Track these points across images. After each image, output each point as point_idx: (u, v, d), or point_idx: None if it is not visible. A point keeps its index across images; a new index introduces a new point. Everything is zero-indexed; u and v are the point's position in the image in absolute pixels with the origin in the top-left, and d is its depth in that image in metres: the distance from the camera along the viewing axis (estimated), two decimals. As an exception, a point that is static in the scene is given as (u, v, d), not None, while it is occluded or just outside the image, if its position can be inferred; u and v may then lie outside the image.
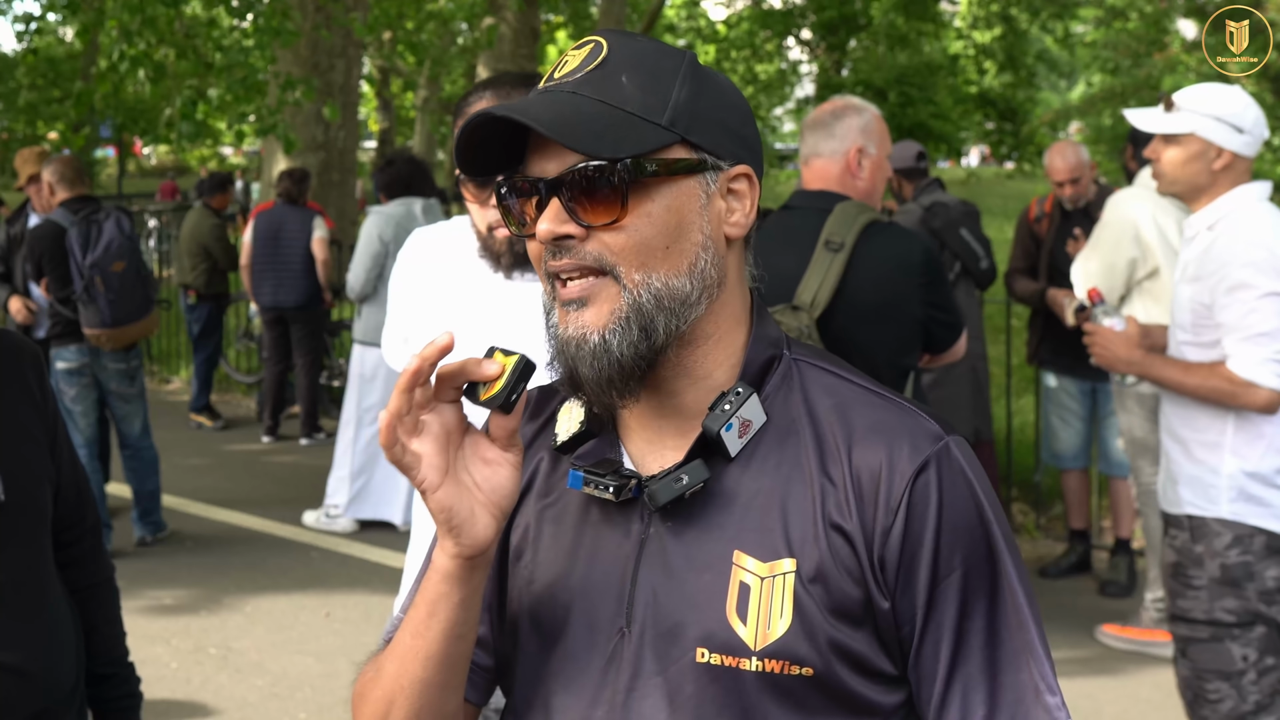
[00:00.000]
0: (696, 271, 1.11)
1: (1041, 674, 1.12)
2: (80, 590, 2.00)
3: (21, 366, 1.90)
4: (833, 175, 2.94)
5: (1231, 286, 2.77)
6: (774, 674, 1.08)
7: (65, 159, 5.92)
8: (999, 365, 6.96)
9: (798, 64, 32.15)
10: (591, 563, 1.16)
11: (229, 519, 6.56)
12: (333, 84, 10.75)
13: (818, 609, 1.09)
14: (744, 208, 1.16)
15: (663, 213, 1.10)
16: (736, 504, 1.12)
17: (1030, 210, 5.62)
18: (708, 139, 1.12)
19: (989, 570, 1.11)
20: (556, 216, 1.09)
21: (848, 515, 1.10)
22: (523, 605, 1.20)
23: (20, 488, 1.81)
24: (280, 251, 7.88)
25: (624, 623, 1.13)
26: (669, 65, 1.12)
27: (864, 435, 1.12)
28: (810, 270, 2.76)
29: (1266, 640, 2.80)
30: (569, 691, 1.15)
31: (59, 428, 1.94)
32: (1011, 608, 1.12)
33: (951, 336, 2.92)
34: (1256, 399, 2.76)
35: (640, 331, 1.09)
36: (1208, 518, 2.85)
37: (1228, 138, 2.87)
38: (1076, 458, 5.45)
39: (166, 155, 38.94)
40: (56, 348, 5.84)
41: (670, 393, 1.15)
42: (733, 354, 1.16)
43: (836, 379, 1.17)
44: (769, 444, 1.13)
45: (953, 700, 1.11)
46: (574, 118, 1.07)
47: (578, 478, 1.14)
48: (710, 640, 1.10)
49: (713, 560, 1.11)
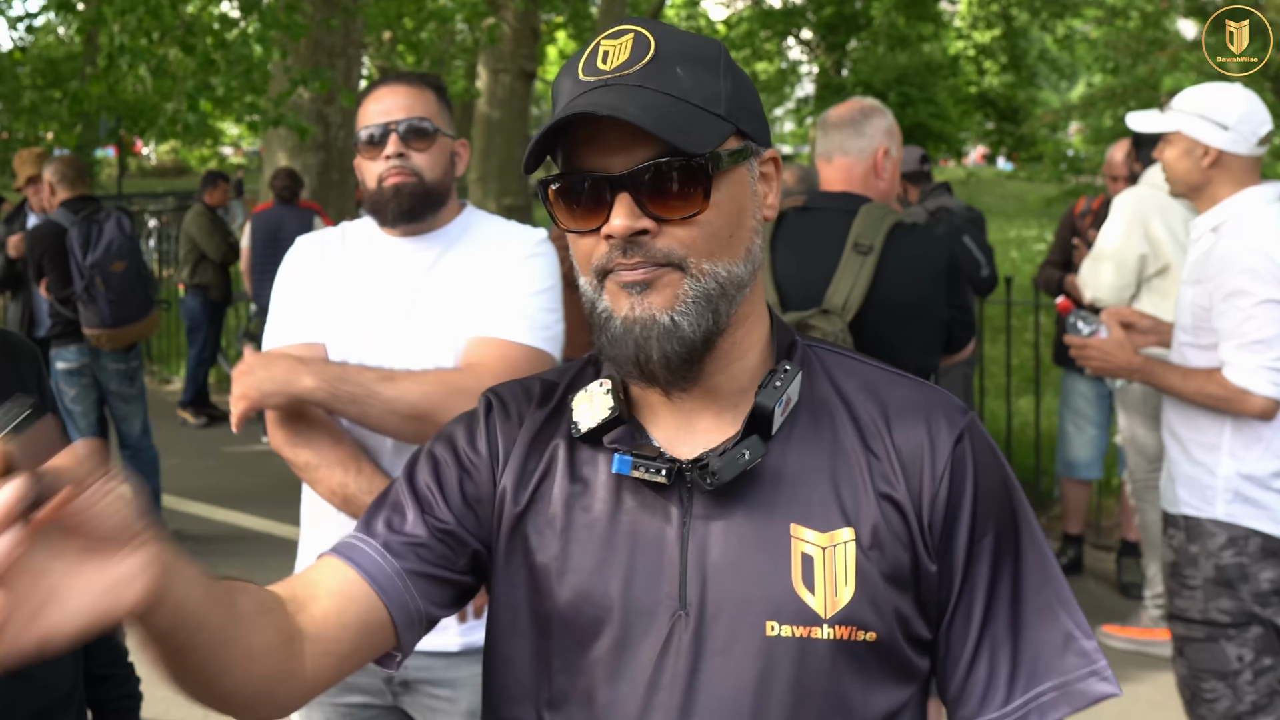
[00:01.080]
0: (750, 256, 1.15)
1: (1076, 622, 1.17)
2: (80, 590, 1.99)
3: (19, 367, 1.89)
4: (857, 175, 2.92)
5: (1229, 293, 2.77)
6: (843, 640, 1.11)
7: (66, 159, 5.92)
8: (999, 365, 6.96)
9: (798, 64, 32.17)
10: (634, 549, 1.14)
11: (229, 519, 6.56)
12: (334, 84, 10.75)
13: (877, 575, 1.12)
14: (774, 190, 1.20)
15: (728, 203, 1.12)
16: (784, 480, 1.14)
17: (1077, 206, 5.61)
18: (750, 126, 1.15)
19: (1014, 531, 1.18)
20: (630, 212, 1.08)
21: (896, 485, 1.14)
22: (556, 598, 1.16)
23: (20, 488, 1.81)
24: (280, 252, 7.87)
25: (679, 605, 1.12)
26: (711, 55, 1.14)
27: (900, 411, 1.17)
28: (840, 273, 2.74)
29: (1263, 641, 2.80)
30: (621, 679, 1.13)
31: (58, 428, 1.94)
32: (1036, 565, 1.18)
33: (967, 336, 2.93)
34: (1251, 406, 2.76)
35: (709, 314, 1.10)
36: (1203, 518, 2.86)
37: (1211, 134, 2.87)
38: (1089, 467, 5.40)
39: (167, 155, 38.93)
40: (56, 348, 5.84)
41: (707, 375, 1.15)
42: (762, 335, 1.20)
43: (852, 361, 1.23)
44: (804, 422, 1.17)
45: (981, 657, 1.16)
46: (659, 113, 1.07)
47: (626, 462, 1.13)
48: (780, 613, 1.11)
49: (770, 535, 1.12)
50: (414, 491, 1.21)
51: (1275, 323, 2.73)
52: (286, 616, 1.10)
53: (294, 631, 1.09)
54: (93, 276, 5.56)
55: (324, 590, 1.14)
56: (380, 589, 1.15)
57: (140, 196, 22.35)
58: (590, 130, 1.09)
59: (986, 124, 31.67)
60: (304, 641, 1.10)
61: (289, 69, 9.17)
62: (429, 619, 1.19)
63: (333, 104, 10.85)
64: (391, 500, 1.22)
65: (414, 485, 1.22)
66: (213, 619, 1.01)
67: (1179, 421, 2.95)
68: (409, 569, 1.17)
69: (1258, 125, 2.89)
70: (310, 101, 10.38)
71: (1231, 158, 2.88)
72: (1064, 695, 1.15)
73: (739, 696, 1.10)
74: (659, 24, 1.15)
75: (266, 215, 8.04)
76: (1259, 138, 2.90)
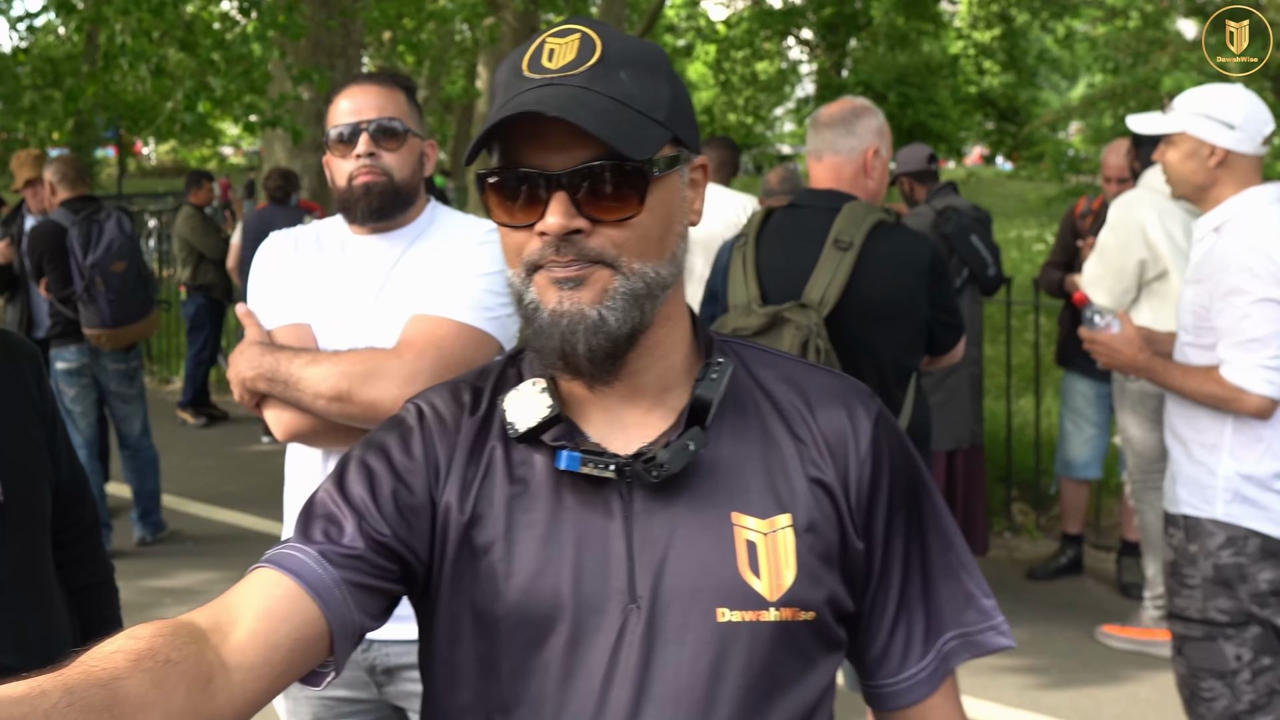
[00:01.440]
0: (675, 259, 1.18)
1: (975, 582, 1.28)
2: (79, 590, 2.00)
3: (20, 367, 1.90)
4: (847, 174, 2.93)
5: (1227, 291, 2.78)
6: (787, 622, 1.16)
7: (66, 158, 5.92)
8: (999, 365, 6.97)
9: (798, 64, 32.18)
10: (580, 546, 1.15)
11: (229, 519, 6.56)
12: (333, 83, 10.75)
13: (814, 556, 1.18)
14: (700, 196, 1.23)
15: (660, 207, 1.15)
16: (720, 470, 1.18)
17: (1077, 207, 5.61)
18: (685, 133, 1.18)
19: (921, 503, 1.27)
20: (566, 211, 1.10)
21: (825, 469, 1.20)
22: (504, 602, 1.16)
23: (19, 488, 1.81)
24: None
25: (630, 599, 1.14)
26: (652, 61, 1.16)
27: (821, 398, 1.24)
28: (819, 269, 2.76)
29: (1261, 640, 2.81)
30: (576, 677, 1.14)
31: (57, 428, 1.94)
32: (940, 532, 1.28)
33: (952, 339, 2.92)
34: (1248, 405, 2.76)
35: (636, 312, 1.13)
36: (1202, 518, 2.86)
37: (1218, 134, 2.87)
38: (1087, 467, 5.40)
39: (167, 155, 38.94)
40: (56, 348, 5.84)
41: (633, 372, 1.18)
42: (685, 334, 1.23)
43: (764, 353, 1.29)
44: (731, 414, 1.21)
45: (900, 622, 1.25)
46: (605, 116, 1.09)
47: (575, 458, 1.14)
48: (730, 599, 1.14)
49: (712, 524, 1.16)
50: (348, 502, 1.18)
51: (1272, 321, 2.73)
52: (204, 654, 1.04)
53: (214, 669, 1.04)
54: (93, 276, 5.56)
55: (252, 612, 1.10)
56: (320, 599, 1.12)
57: (140, 196, 22.36)
58: (533, 128, 1.10)
59: (986, 124, 31.66)
60: (228, 674, 1.05)
61: (289, 67, 9.17)
62: (361, 630, 1.17)
63: (333, 104, 10.84)
64: (324, 511, 1.19)
65: (348, 495, 1.19)
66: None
67: (1181, 421, 2.95)
68: (348, 580, 1.14)
69: (1262, 124, 2.90)
70: (310, 102, 10.37)
71: (1238, 157, 2.88)
72: (965, 644, 1.27)
73: (693, 685, 1.13)
74: (604, 26, 1.16)
75: (259, 214, 8.05)
76: (1264, 137, 2.91)
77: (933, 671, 1.26)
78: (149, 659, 0.99)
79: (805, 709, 1.18)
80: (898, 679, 1.26)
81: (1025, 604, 5.14)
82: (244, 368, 2.06)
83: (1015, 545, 5.94)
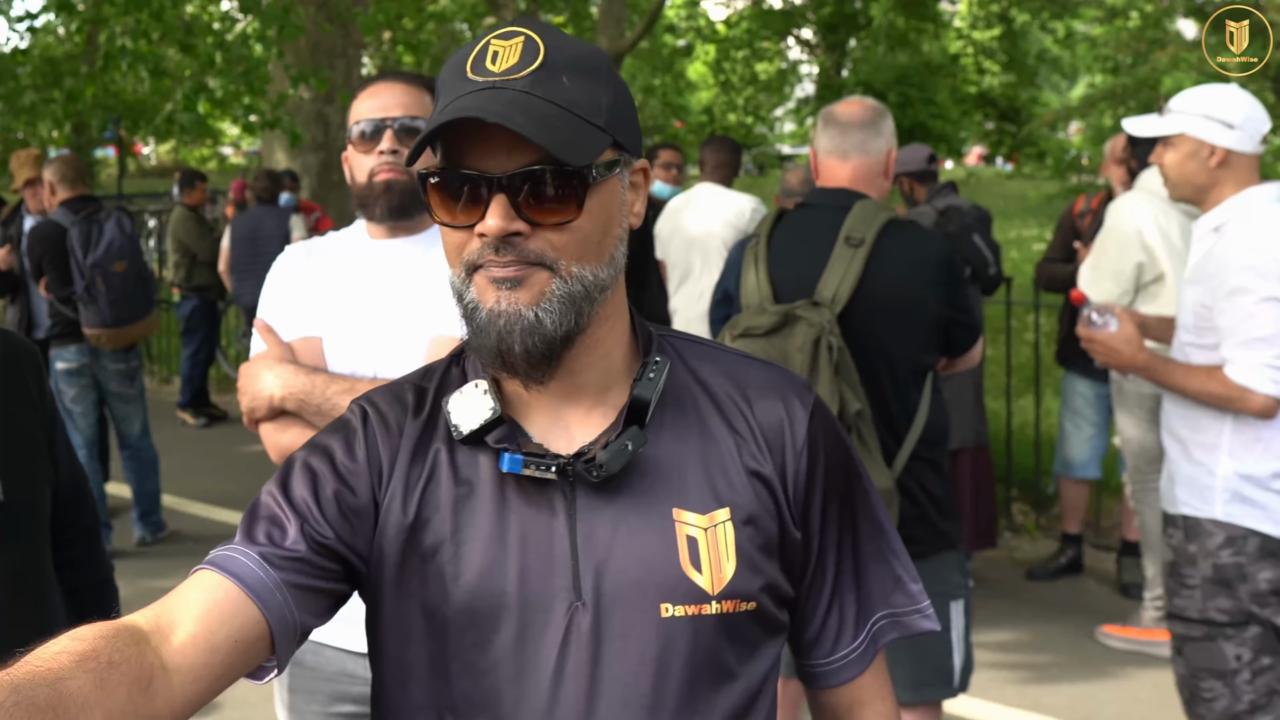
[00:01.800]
0: (614, 261, 1.20)
1: (904, 567, 1.34)
2: (79, 591, 1.99)
3: (20, 367, 1.90)
4: (872, 175, 2.93)
5: (1230, 291, 2.77)
6: (729, 614, 1.19)
7: (66, 158, 5.91)
8: (999, 365, 6.97)
9: (798, 64, 32.17)
10: (524, 546, 1.17)
11: (229, 519, 6.56)
12: (333, 84, 10.75)
13: (753, 548, 1.21)
14: (641, 199, 1.24)
15: (599, 211, 1.16)
16: (660, 467, 1.21)
17: (1076, 205, 5.60)
18: (625, 138, 1.19)
19: (854, 491, 1.31)
20: (506, 214, 1.12)
21: (763, 461, 1.23)
22: (451, 602, 1.18)
23: (19, 489, 1.81)
24: (259, 252, 7.84)
25: (575, 596, 1.16)
26: (595, 66, 1.17)
27: (758, 392, 1.27)
28: (831, 266, 2.75)
29: (1261, 640, 2.80)
30: (526, 677, 1.16)
31: (57, 428, 1.94)
32: (871, 518, 1.33)
33: (969, 339, 2.90)
34: (1252, 404, 2.76)
35: (572, 313, 1.15)
36: (1202, 518, 2.86)
37: (1218, 134, 2.88)
38: (1086, 466, 5.40)
39: (167, 155, 38.93)
40: (56, 348, 5.84)
41: (573, 372, 1.20)
42: (624, 333, 1.25)
43: (704, 347, 1.31)
44: (670, 410, 1.24)
45: (834, 605, 1.30)
46: (545, 122, 1.10)
47: (517, 461, 1.16)
48: (673, 594, 1.17)
49: (655, 521, 1.18)
50: (291, 504, 1.20)
51: (1276, 320, 2.73)
52: (145, 656, 1.06)
53: (154, 670, 1.06)
54: (93, 276, 5.56)
55: (192, 615, 1.11)
56: (260, 601, 1.14)
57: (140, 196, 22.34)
58: (476, 130, 1.12)
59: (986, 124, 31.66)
60: (168, 675, 1.07)
61: (289, 67, 9.17)
62: (305, 630, 1.19)
63: (333, 104, 10.86)
64: (268, 513, 1.20)
65: (290, 498, 1.20)
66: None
67: (1179, 421, 2.95)
68: (289, 581, 1.16)
69: (1260, 123, 2.91)
70: (310, 102, 10.38)
71: (1238, 157, 2.88)
72: (894, 623, 1.33)
73: (641, 678, 1.16)
74: (549, 29, 1.17)
75: (246, 215, 8.04)
76: (1262, 135, 2.92)
77: (863, 651, 1.31)
78: (92, 660, 1.01)
79: (750, 692, 1.23)
80: (831, 659, 1.31)
81: (1025, 604, 5.14)
82: (274, 385, 2.03)
83: (1015, 545, 5.94)
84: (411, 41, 15.53)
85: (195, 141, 29.85)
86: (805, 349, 2.66)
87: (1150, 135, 3.00)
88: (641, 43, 19.75)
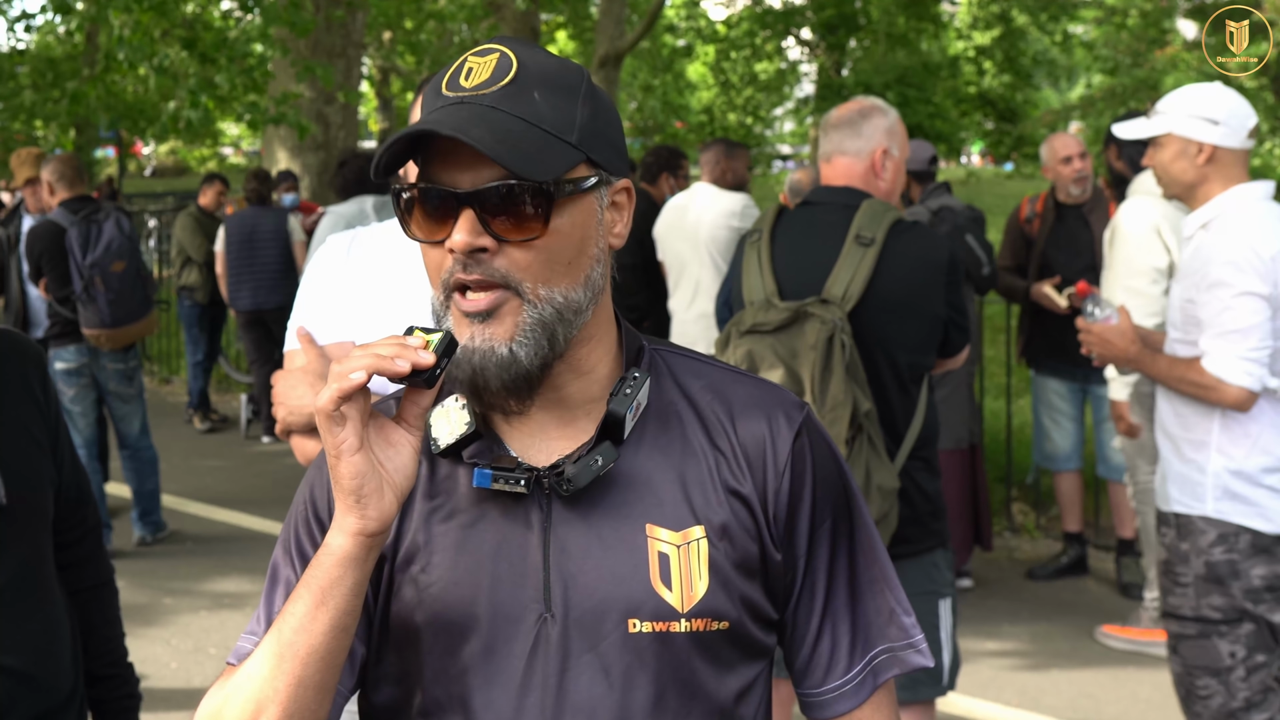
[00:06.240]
0: (590, 282, 1.18)
1: (896, 599, 1.30)
2: (80, 592, 1.99)
3: (24, 367, 1.89)
4: (856, 174, 2.93)
5: (1211, 284, 2.81)
6: (699, 632, 1.18)
7: (65, 158, 5.91)
8: (999, 365, 6.97)
9: (798, 64, 32.15)
10: (497, 558, 1.18)
11: (229, 519, 6.56)
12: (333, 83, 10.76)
13: (729, 567, 1.19)
14: (624, 219, 1.23)
15: (570, 229, 1.15)
16: (637, 482, 1.20)
17: (1021, 210, 5.61)
18: (603, 156, 1.18)
19: (848, 515, 1.28)
20: (473, 229, 1.11)
21: (742, 480, 1.22)
22: (423, 610, 1.19)
23: (22, 489, 1.81)
24: (256, 254, 7.81)
25: (544, 609, 1.17)
26: (572, 83, 1.17)
27: (743, 409, 1.25)
28: (841, 264, 2.75)
29: (1255, 638, 2.81)
30: (493, 685, 1.17)
31: (61, 429, 1.93)
32: (867, 545, 1.29)
33: (962, 340, 2.92)
34: (1227, 396, 2.78)
35: (546, 342, 1.14)
36: (1193, 515, 2.87)
37: (1203, 131, 2.90)
38: (1069, 459, 5.45)
39: (167, 156, 38.92)
40: (55, 348, 5.84)
41: (555, 388, 1.20)
42: (611, 348, 1.24)
43: (697, 362, 1.29)
44: (653, 425, 1.22)
45: (825, 632, 1.27)
46: (505, 136, 1.10)
47: (486, 476, 1.17)
48: (640, 610, 1.17)
49: (626, 536, 1.18)
50: (304, 561, 1.24)
51: (1254, 314, 2.76)
52: None
53: None
54: (92, 276, 5.56)
55: None
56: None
57: (140, 196, 22.34)
58: (449, 146, 1.12)
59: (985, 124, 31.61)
60: None
61: (293, 63, 9.16)
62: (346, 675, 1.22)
63: (333, 104, 10.87)
64: (285, 576, 1.24)
65: (304, 554, 1.24)
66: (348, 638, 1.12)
67: (1170, 419, 2.97)
68: None
69: (1245, 118, 2.94)
70: (311, 101, 10.38)
71: (1225, 152, 2.91)
72: (893, 659, 1.28)
73: (607, 693, 1.16)
74: (529, 46, 1.17)
75: (240, 217, 7.98)
76: (1248, 130, 2.95)
77: (859, 684, 1.26)
78: None
79: (723, 712, 1.21)
80: (823, 689, 1.27)
81: (1025, 604, 5.14)
82: (313, 400, 2.03)
83: (1015, 545, 5.94)
84: (411, 41, 15.57)
85: (197, 140, 29.82)
86: (819, 346, 2.66)
87: (1139, 137, 3.05)
88: (641, 43, 19.75)
